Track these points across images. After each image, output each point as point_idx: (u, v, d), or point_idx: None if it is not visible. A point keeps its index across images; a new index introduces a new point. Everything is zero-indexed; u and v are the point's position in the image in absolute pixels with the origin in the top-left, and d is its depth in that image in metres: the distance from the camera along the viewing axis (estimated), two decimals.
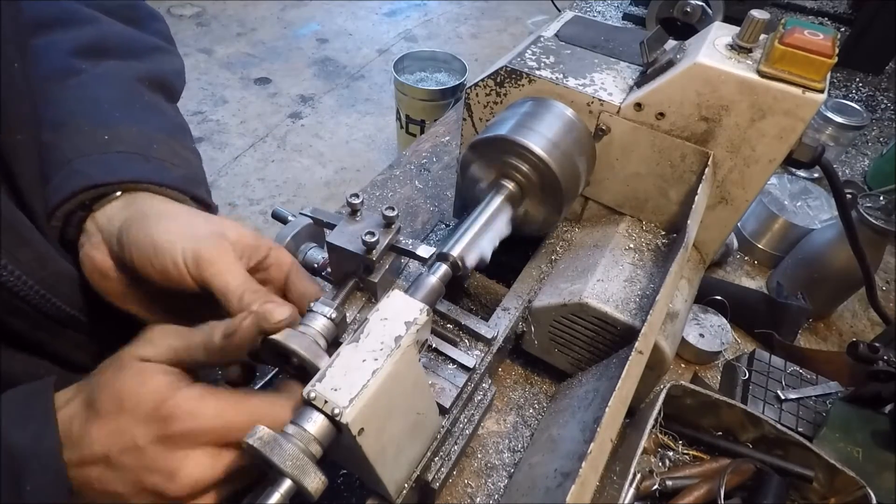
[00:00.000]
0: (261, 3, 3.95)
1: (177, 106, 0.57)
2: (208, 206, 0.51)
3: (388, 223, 0.49)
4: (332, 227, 0.51)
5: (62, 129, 0.46)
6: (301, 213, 0.56)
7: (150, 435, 0.34)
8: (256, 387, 0.59)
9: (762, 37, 0.54)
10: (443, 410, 0.49)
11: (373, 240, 0.46)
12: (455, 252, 0.49)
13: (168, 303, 0.46)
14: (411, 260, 0.53)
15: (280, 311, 0.38)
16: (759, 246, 0.89)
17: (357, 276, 0.51)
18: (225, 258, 0.42)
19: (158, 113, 0.52)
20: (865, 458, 0.60)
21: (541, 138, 0.54)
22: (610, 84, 0.59)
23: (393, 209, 0.48)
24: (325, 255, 0.60)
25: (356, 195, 0.50)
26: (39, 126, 0.44)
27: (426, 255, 0.49)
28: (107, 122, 0.48)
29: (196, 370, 0.40)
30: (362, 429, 0.34)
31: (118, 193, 0.45)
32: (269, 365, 0.44)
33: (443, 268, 0.49)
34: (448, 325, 0.56)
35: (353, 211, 0.51)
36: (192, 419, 0.35)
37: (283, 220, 0.60)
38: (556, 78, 0.59)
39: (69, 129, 0.46)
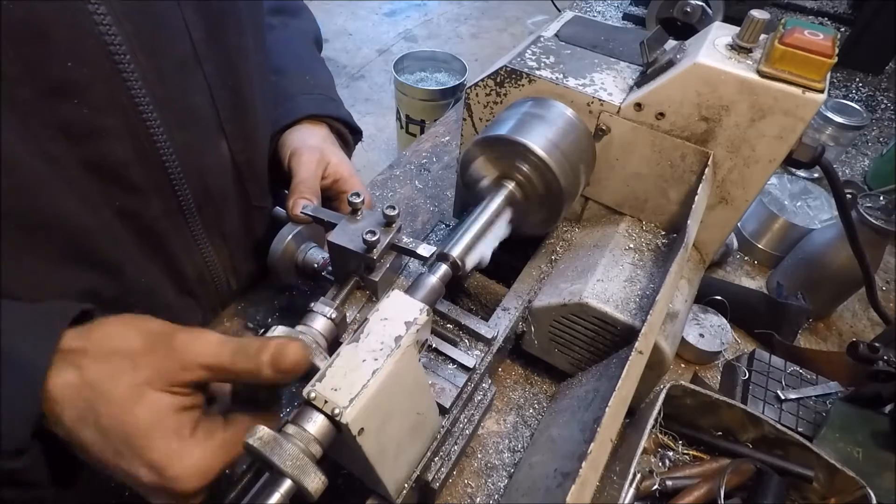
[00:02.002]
0: None
1: None
2: (359, 132, 0.77)
3: (388, 222, 0.49)
4: (332, 226, 0.52)
5: (283, 73, 0.69)
6: (302, 212, 0.56)
7: (156, 482, 0.36)
8: None
9: (762, 37, 0.54)
10: (443, 410, 0.49)
11: (373, 239, 0.46)
12: (455, 252, 0.49)
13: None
14: (412, 258, 0.53)
15: (292, 352, 0.38)
16: (759, 246, 0.89)
17: (358, 275, 0.51)
18: (307, 159, 0.62)
19: (324, 65, 0.78)
20: (865, 458, 0.60)
21: (541, 138, 0.54)
22: (610, 84, 0.59)
23: (394, 208, 0.49)
24: (326, 254, 0.60)
25: (357, 194, 0.50)
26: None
27: (427, 255, 0.49)
28: (308, 71, 0.73)
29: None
30: (362, 429, 0.34)
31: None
32: None
33: (443, 268, 0.49)
34: (448, 325, 0.56)
35: (354, 210, 0.51)
36: (200, 478, 0.37)
37: (283, 222, 0.60)
38: (556, 78, 0.59)
39: (288, 74, 0.70)
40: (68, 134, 0.42)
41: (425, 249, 0.49)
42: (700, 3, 1.19)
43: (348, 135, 0.75)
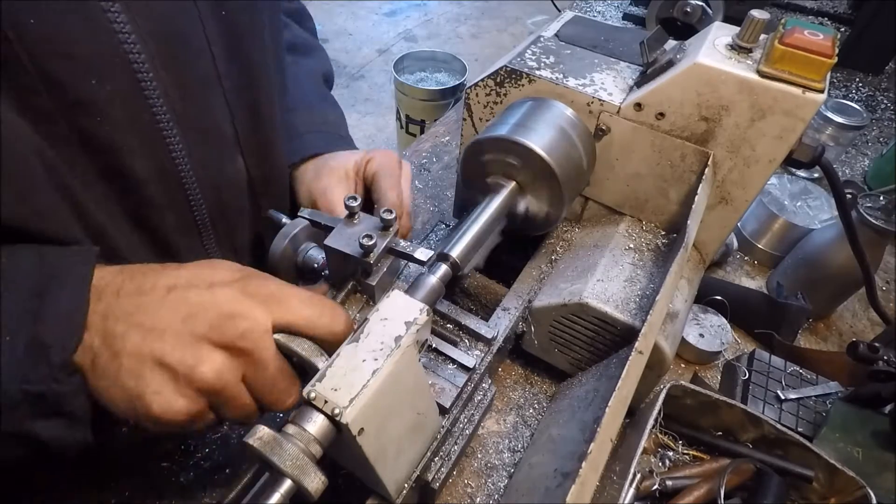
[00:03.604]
0: None
1: None
2: None
3: (385, 226, 0.49)
4: (329, 229, 0.51)
5: (293, 111, 0.69)
6: (299, 215, 0.56)
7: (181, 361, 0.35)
8: None
9: (762, 37, 0.54)
10: (443, 410, 0.49)
11: (370, 243, 0.45)
12: (455, 252, 0.49)
13: None
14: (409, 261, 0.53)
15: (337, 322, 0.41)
16: (759, 246, 0.89)
17: (355, 279, 0.51)
18: (336, 189, 0.61)
19: (334, 102, 0.77)
20: (865, 458, 0.60)
21: (541, 138, 0.54)
22: (610, 84, 0.59)
23: (391, 212, 0.48)
24: (325, 255, 0.60)
25: (354, 198, 0.50)
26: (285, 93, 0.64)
27: (424, 259, 0.48)
28: (316, 108, 0.72)
29: None
30: (362, 429, 0.34)
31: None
32: None
33: (443, 268, 0.49)
34: (448, 325, 0.56)
35: (351, 213, 0.50)
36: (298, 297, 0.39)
37: (278, 224, 0.60)
38: (556, 78, 0.59)
39: (298, 112, 0.69)
40: (87, 146, 0.42)
41: (423, 253, 0.49)
42: (700, 3, 1.19)
43: None
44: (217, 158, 0.53)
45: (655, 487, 0.55)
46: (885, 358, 0.61)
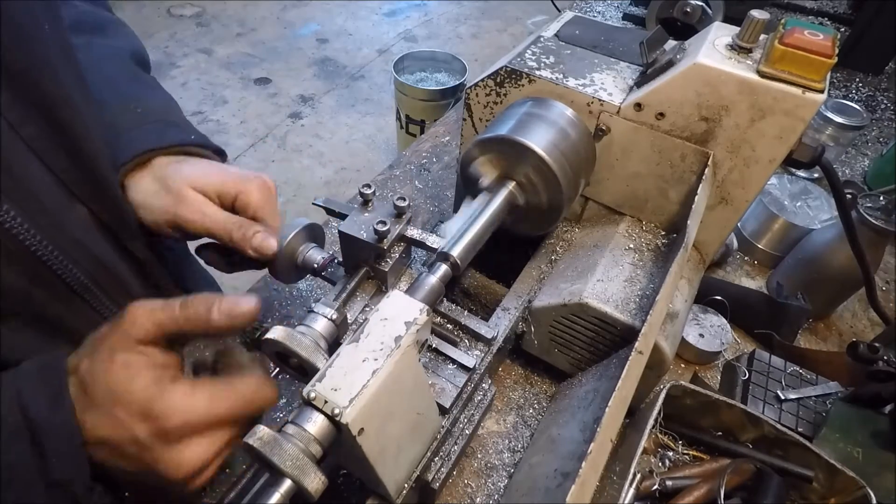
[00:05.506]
0: (261, 3, 3.95)
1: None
2: (220, 152, 0.60)
3: (399, 213, 0.50)
4: (343, 216, 0.52)
5: (103, 107, 0.54)
6: (314, 203, 0.57)
7: (147, 430, 0.37)
8: None
9: (762, 37, 0.54)
10: (443, 410, 0.49)
11: (384, 229, 0.46)
12: (455, 252, 0.50)
13: None
14: (420, 250, 0.54)
15: (242, 307, 0.40)
16: (759, 246, 0.89)
17: (368, 265, 0.52)
18: (202, 208, 0.51)
19: (154, 84, 0.62)
20: (865, 458, 0.60)
21: (541, 139, 0.54)
22: (610, 84, 0.59)
23: (404, 199, 0.49)
24: (325, 254, 0.61)
25: (368, 185, 0.51)
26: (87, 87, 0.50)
27: (436, 246, 0.49)
28: (131, 97, 0.57)
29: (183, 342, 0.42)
30: (362, 429, 0.34)
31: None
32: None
33: (443, 268, 0.49)
34: (448, 325, 0.56)
35: (366, 201, 0.51)
36: (185, 415, 0.37)
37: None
38: (556, 78, 0.59)
39: (109, 106, 0.55)
40: None
41: (435, 241, 0.50)
42: (700, 3, 1.19)
43: (211, 156, 0.59)
44: (55, 217, 0.46)
45: (655, 487, 0.55)
46: (885, 358, 0.61)
